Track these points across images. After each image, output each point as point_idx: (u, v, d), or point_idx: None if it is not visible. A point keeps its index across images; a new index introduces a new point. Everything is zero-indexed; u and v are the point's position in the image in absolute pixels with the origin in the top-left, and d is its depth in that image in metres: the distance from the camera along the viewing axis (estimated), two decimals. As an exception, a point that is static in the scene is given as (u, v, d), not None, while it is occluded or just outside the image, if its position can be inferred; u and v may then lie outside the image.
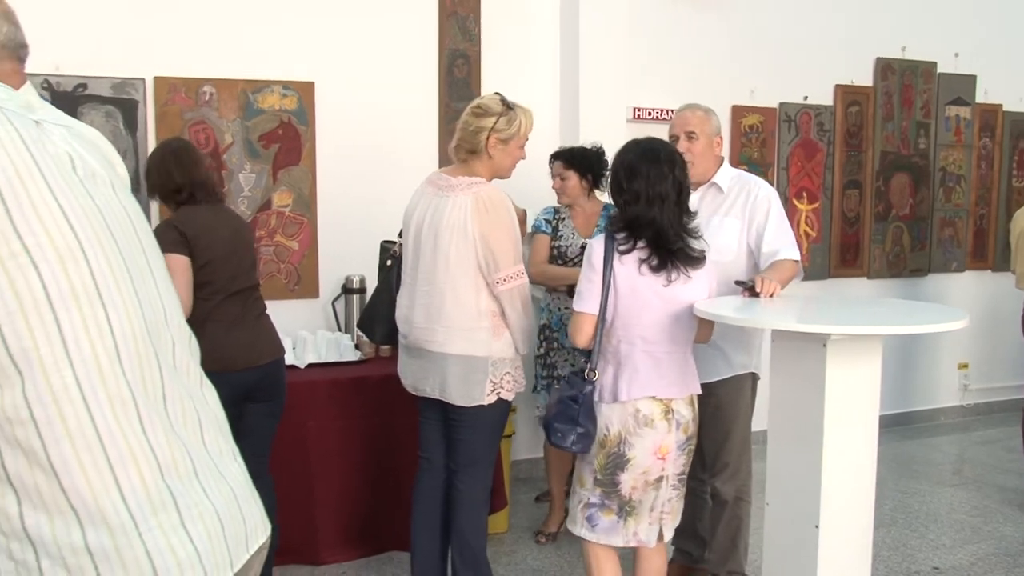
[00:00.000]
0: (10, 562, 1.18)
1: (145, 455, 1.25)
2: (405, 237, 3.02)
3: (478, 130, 2.86)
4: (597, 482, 2.62)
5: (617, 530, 2.62)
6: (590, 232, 3.81)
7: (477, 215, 2.79)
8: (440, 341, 2.85)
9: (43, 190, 1.22)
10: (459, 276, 2.82)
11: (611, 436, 2.57)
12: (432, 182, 2.98)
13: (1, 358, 1.15)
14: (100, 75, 3.98)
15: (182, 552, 1.26)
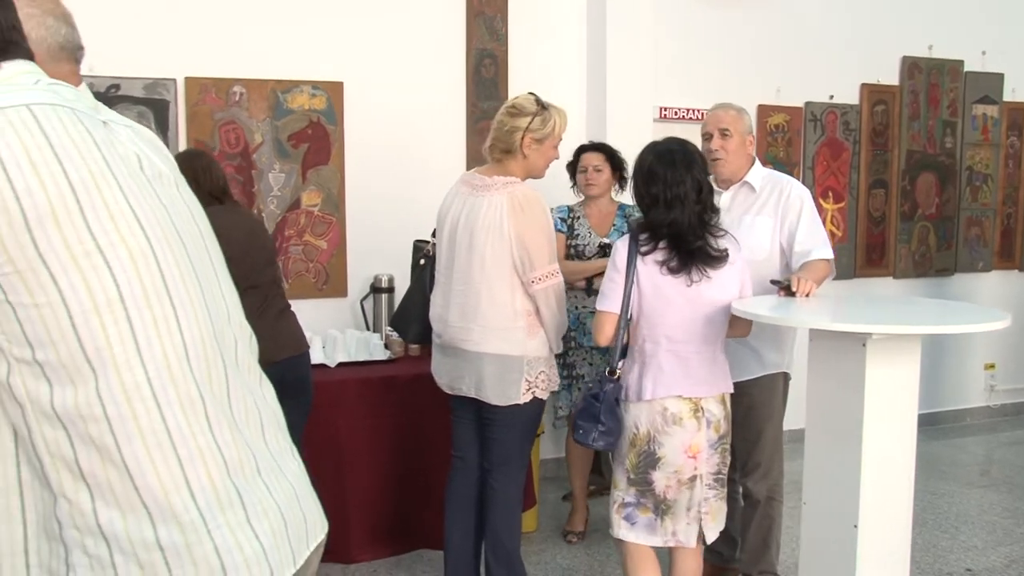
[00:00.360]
0: (85, 557, 1.20)
1: (213, 454, 1.27)
2: (439, 236, 3.03)
3: (513, 130, 2.87)
4: (631, 482, 2.63)
5: (655, 528, 2.63)
6: (606, 231, 3.82)
7: (512, 214, 2.80)
8: (476, 340, 2.86)
9: (115, 191, 1.23)
10: (494, 275, 2.83)
11: (640, 435, 2.59)
12: (466, 182, 2.99)
13: (75, 356, 1.17)
14: (132, 76, 4.01)
15: (249, 549, 1.28)
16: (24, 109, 1.20)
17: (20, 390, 1.18)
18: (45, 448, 1.19)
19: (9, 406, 1.20)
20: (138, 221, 1.24)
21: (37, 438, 1.19)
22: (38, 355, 1.17)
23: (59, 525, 1.21)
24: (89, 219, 1.18)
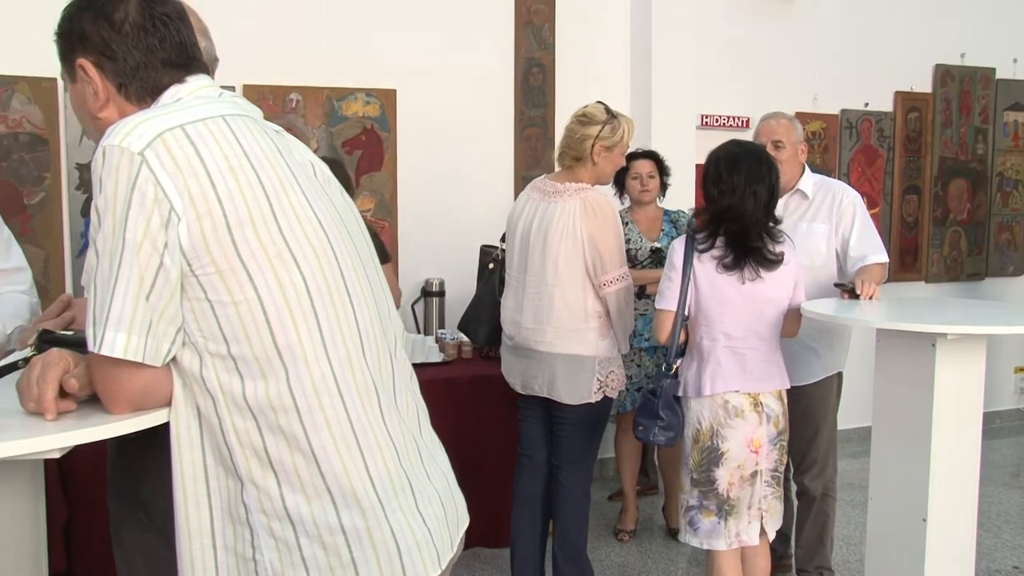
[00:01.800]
0: (271, 539, 1.27)
1: (387, 442, 1.34)
2: (510, 242, 3.11)
3: (584, 138, 2.94)
4: (694, 482, 2.69)
5: (719, 532, 2.67)
6: (656, 235, 3.90)
7: (586, 219, 2.88)
8: (549, 341, 2.93)
9: (299, 196, 1.31)
10: (567, 278, 2.90)
11: (703, 430, 2.65)
12: (538, 188, 3.06)
13: (268, 350, 1.24)
14: (193, 83, 4.08)
15: (420, 533, 1.35)
16: (220, 120, 1.28)
17: (213, 383, 1.25)
18: (235, 437, 1.26)
19: (200, 398, 1.27)
20: (319, 223, 1.32)
21: (228, 428, 1.26)
22: (233, 350, 1.24)
23: (246, 510, 1.28)
24: (280, 222, 1.26)
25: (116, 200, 1.19)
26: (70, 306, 1.69)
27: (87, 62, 1.34)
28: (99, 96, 1.35)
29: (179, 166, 1.20)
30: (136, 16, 1.34)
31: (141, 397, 1.28)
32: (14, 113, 3.81)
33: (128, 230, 1.18)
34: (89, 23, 1.34)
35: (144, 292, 1.19)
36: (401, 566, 1.31)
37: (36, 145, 3.86)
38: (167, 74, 1.37)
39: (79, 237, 3.95)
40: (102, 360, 1.23)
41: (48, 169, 3.86)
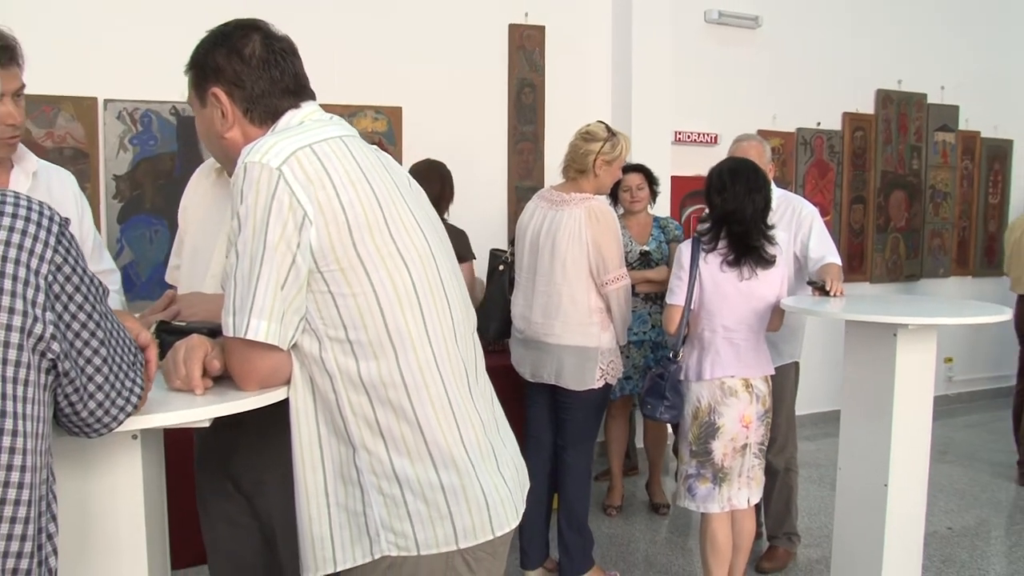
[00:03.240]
0: (380, 496, 1.39)
1: (475, 414, 1.48)
2: (519, 245, 3.23)
3: (587, 152, 3.08)
4: (693, 454, 2.85)
5: (713, 497, 2.84)
6: (645, 240, 4.03)
7: (590, 225, 3.02)
8: (557, 335, 3.07)
9: (403, 205, 1.44)
10: (574, 278, 3.04)
11: (702, 407, 2.81)
12: (545, 198, 3.20)
13: (381, 335, 1.37)
14: (218, 100, 4.14)
15: (503, 491, 1.48)
16: (338, 140, 1.41)
17: (331, 363, 1.37)
18: (350, 410, 1.38)
19: (318, 377, 1.39)
20: (420, 228, 1.45)
21: (343, 402, 1.38)
22: (350, 335, 1.36)
23: (357, 472, 1.40)
24: (391, 227, 1.39)
25: (257, 208, 1.30)
26: (174, 301, 1.78)
27: (219, 90, 1.45)
28: (227, 119, 1.46)
29: (310, 179, 1.31)
30: (261, 51, 1.46)
31: (269, 376, 1.39)
32: (59, 129, 3.86)
33: (268, 233, 1.29)
34: (223, 57, 1.45)
35: (280, 285, 1.31)
36: (488, 517, 1.43)
37: (78, 159, 3.91)
38: (285, 100, 1.48)
39: (116, 242, 4.00)
40: (239, 344, 1.34)
41: (88, 180, 3.91)
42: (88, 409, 1.09)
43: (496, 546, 1.47)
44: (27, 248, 0.97)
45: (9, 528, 0.95)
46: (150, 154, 4.08)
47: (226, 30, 1.49)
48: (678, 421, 2.93)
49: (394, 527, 1.39)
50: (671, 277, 2.92)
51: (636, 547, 3.80)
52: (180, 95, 4.10)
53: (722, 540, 2.86)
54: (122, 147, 4.03)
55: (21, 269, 0.96)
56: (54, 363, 1.00)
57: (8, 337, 0.94)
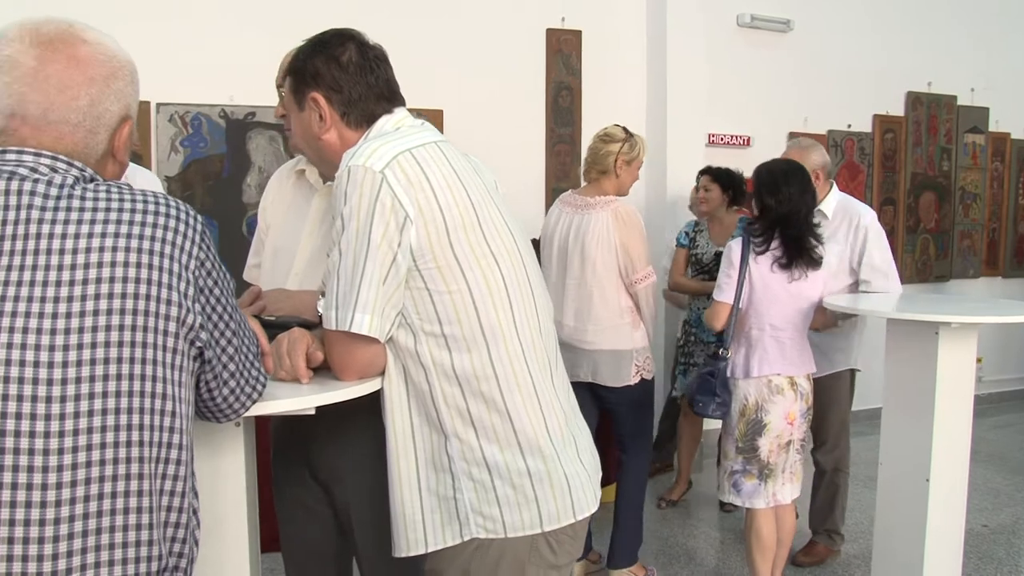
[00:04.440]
0: (470, 482, 1.47)
1: (558, 405, 1.55)
2: (547, 250, 3.27)
3: (607, 153, 3.15)
4: (739, 450, 2.90)
5: (759, 492, 2.89)
6: (725, 241, 3.95)
7: (617, 227, 3.08)
8: (590, 339, 3.13)
9: (493, 207, 1.52)
10: (605, 279, 3.10)
11: (749, 405, 2.87)
12: (568, 202, 3.25)
13: (474, 330, 1.45)
14: (266, 104, 4.24)
15: (583, 476, 1.56)
16: (434, 145, 1.49)
17: (426, 356, 1.45)
18: (443, 400, 1.46)
19: (413, 369, 1.47)
20: (509, 229, 1.53)
21: (437, 393, 1.46)
22: (445, 329, 1.44)
23: (449, 459, 1.47)
24: (484, 228, 1.47)
25: (361, 209, 1.38)
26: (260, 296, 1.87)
27: (318, 95, 1.53)
28: (325, 123, 1.54)
29: (411, 182, 1.40)
30: (357, 58, 1.54)
31: (367, 367, 1.47)
32: (115, 131, 3.97)
33: (372, 232, 1.38)
34: (322, 64, 1.53)
35: (381, 281, 1.39)
36: (571, 501, 1.51)
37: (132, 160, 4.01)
38: (380, 105, 1.56)
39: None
40: (341, 336, 1.43)
41: (142, 179, 4.02)
42: (222, 395, 1.18)
43: (576, 529, 1.55)
44: (178, 245, 1.05)
45: (168, 500, 1.04)
46: (200, 156, 4.19)
47: (324, 38, 1.57)
48: (726, 419, 2.97)
49: (483, 511, 1.47)
50: (720, 274, 2.96)
51: (676, 541, 3.87)
52: (229, 99, 4.24)
53: (768, 535, 2.92)
54: (173, 149, 4.14)
55: (175, 264, 1.04)
56: (200, 351, 1.09)
57: (167, 327, 1.02)
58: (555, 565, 1.54)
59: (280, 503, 2.03)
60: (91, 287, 0.98)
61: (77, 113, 1.09)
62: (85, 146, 1.10)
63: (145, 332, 1.00)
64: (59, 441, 0.95)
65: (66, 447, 0.95)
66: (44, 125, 1.07)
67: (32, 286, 0.97)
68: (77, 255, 0.99)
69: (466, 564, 1.50)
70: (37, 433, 0.94)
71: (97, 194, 1.04)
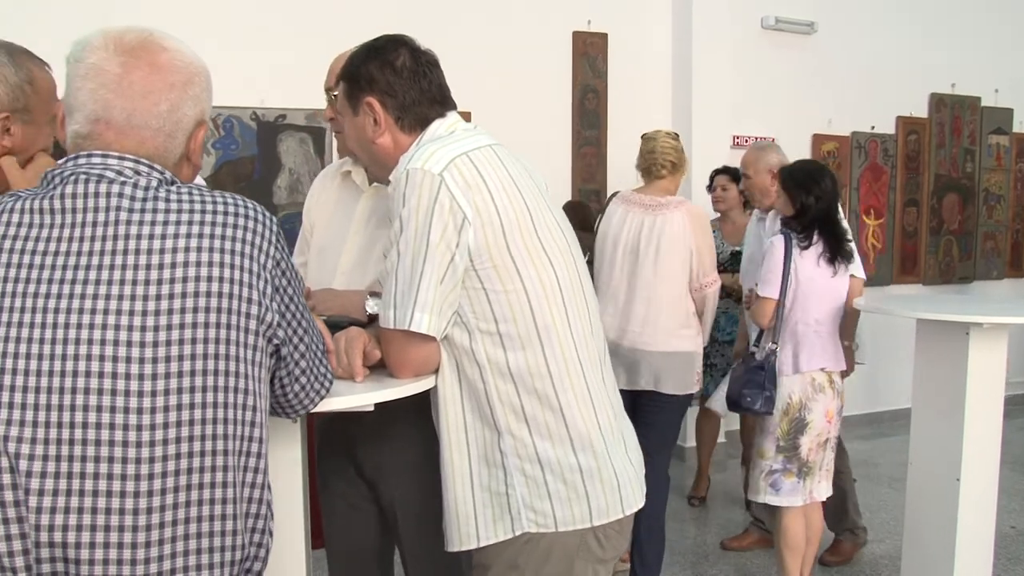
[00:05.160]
0: (522, 477, 1.50)
1: (607, 402, 1.58)
2: (608, 252, 3.12)
3: (681, 150, 3.12)
4: (780, 449, 2.88)
5: (798, 490, 2.89)
6: (739, 240, 3.99)
7: (694, 229, 3.02)
8: (661, 342, 3.02)
9: (544, 207, 1.55)
10: (678, 283, 3.03)
11: (793, 403, 2.87)
12: (633, 201, 3.11)
13: (529, 328, 1.48)
14: (296, 107, 4.30)
15: (631, 472, 1.58)
16: (488, 148, 1.52)
17: (481, 354, 1.48)
18: (497, 397, 1.49)
19: (468, 366, 1.50)
20: (561, 230, 1.56)
21: (491, 390, 1.49)
22: (500, 328, 1.47)
23: (502, 455, 1.50)
24: (538, 229, 1.50)
25: (419, 210, 1.42)
26: (309, 296, 1.90)
27: (373, 99, 1.56)
28: (380, 126, 1.57)
29: (469, 184, 1.43)
30: (411, 63, 1.57)
31: (423, 365, 1.51)
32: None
33: (431, 233, 1.41)
34: (376, 69, 1.56)
35: (439, 281, 1.43)
36: (620, 497, 1.54)
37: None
38: (433, 109, 1.60)
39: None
40: (399, 335, 1.46)
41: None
42: (293, 391, 1.22)
43: (624, 524, 1.58)
44: (256, 245, 1.09)
45: (250, 493, 1.08)
46: (232, 158, 4.24)
47: (378, 44, 1.60)
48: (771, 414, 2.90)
49: (535, 506, 1.49)
50: (763, 271, 2.92)
51: (703, 539, 3.89)
52: (260, 101, 4.29)
53: (799, 534, 2.93)
54: (205, 151, 4.18)
55: (254, 264, 1.08)
56: (277, 348, 1.13)
57: (248, 324, 1.06)
58: (602, 559, 1.57)
59: (325, 500, 2.07)
60: (178, 286, 1.02)
61: (158, 118, 1.13)
62: (164, 149, 1.14)
63: (228, 330, 1.04)
64: (150, 434, 0.99)
65: (157, 440, 0.99)
66: (128, 129, 1.11)
67: (122, 284, 1.01)
68: (164, 255, 1.03)
69: (515, 558, 1.52)
70: (130, 426, 0.98)
71: (180, 196, 1.08)
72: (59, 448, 0.97)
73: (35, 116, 1.55)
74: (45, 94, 1.58)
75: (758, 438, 2.99)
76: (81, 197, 1.05)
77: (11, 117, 1.50)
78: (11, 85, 1.50)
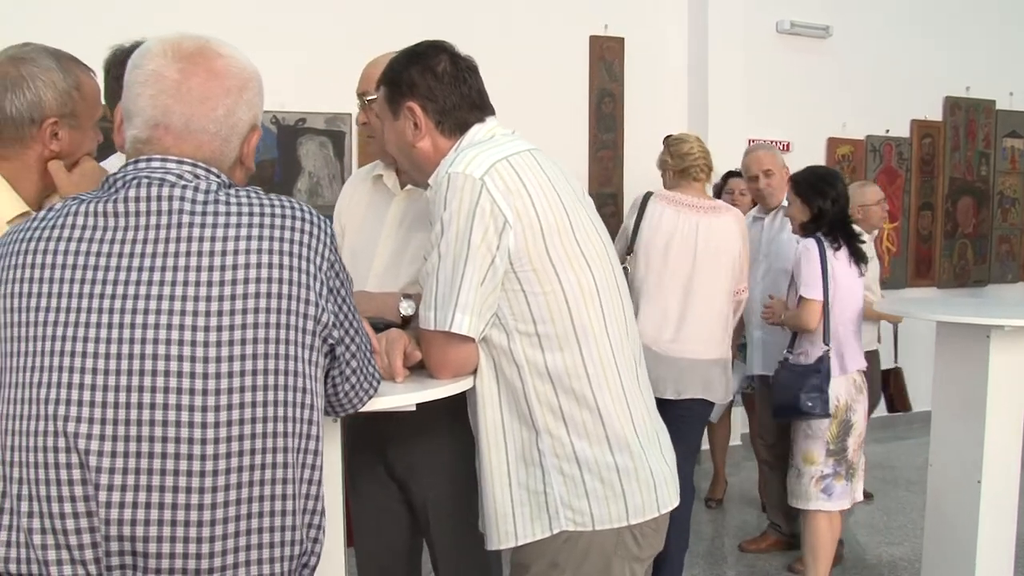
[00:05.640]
0: (560, 476, 1.52)
1: (642, 403, 1.60)
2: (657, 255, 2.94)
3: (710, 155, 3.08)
4: (830, 453, 2.87)
5: (847, 493, 2.92)
6: None
7: (741, 235, 3.01)
8: (712, 349, 2.94)
9: (583, 212, 1.58)
10: (729, 289, 2.98)
11: (840, 405, 2.88)
12: (683, 203, 2.94)
13: (567, 329, 1.50)
14: (316, 111, 4.32)
15: (667, 472, 1.61)
16: (527, 153, 1.55)
17: (520, 355, 1.51)
18: (535, 397, 1.51)
19: (506, 367, 1.52)
20: (597, 233, 1.58)
21: (529, 390, 1.51)
22: (539, 329, 1.49)
23: (540, 454, 1.52)
24: (576, 232, 1.52)
25: (461, 213, 1.44)
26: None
27: (414, 104, 1.59)
28: (420, 130, 1.60)
29: (509, 188, 1.45)
30: (451, 68, 1.60)
31: (462, 366, 1.53)
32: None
33: (472, 236, 1.44)
34: (418, 74, 1.59)
35: (479, 283, 1.45)
36: (655, 496, 1.56)
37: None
38: (472, 114, 1.62)
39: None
40: (439, 336, 1.49)
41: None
42: (344, 390, 1.24)
43: (660, 523, 1.60)
44: (312, 247, 1.12)
45: (307, 489, 1.11)
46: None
47: (418, 50, 1.63)
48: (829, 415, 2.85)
49: (572, 504, 1.52)
50: (803, 273, 2.89)
51: (721, 541, 3.90)
52: (280, 105, 4.32)
53: (831, 537, 2.93)
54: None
55: (311, 265, 1.11)
56: (332, 348, 1.15)
57: (305, 324, 1.09)
58: (639, 558, 1.59)
59: (356, 500, 2.08)
60: (239, 287, 1.04)
61: (215, 123, 1.15)
62: (220, 153, 1.17)
63: (287, 330, 1.06)
64: (215, 431, 1.01)
65: (221, 437, 1.02)
66: (186, 134, 1.14)
67: (185, 285, 1.04)
68: (226, 256, 1.05)
69: (554, 556, 1.54)
70: (195, 424, 1.01)
71: (239, 199, 1.11)
72: (127, 445, 1.00)
73: (81, 121, 1.58)
74: (91, 99, 1.61)
75: (802, 443, 2.92)
76: (144, 200, 1.08)
77: (59, 122, 1.53)
78: (60, 91, 1.53)
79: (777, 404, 2.92)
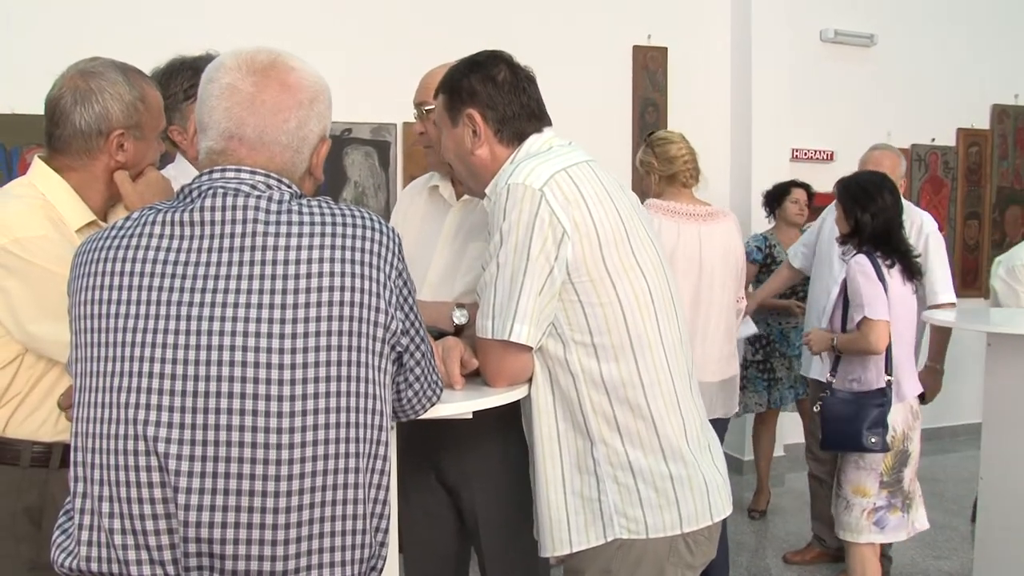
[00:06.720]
0: (615, 484, 1.52)
1: (695, 412, 1.60)
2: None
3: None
4: (884, 485, 2.66)
5: (903, 525, 2.73)
6: None
7: (739, 240, 2.85)
8: (717, 371, 2.75)
9: (638, 222, 1.58)
10: (732, 302, 2.80)
11: (897, 436, 2.67)
12: (679, 212, 2.73)
13: (623, 340, 1.50)
14: (361, 121, 4.36)
15: (719, 480, 1.60)
16: (585, 165, 1.56)
17: (575, 365, 1.51)
18: (591, 407, 1.52)
19: (562, 376, 1.53)
20: (652, 243, 1.59)
21: (584, 400, 1.52)
22: (595, 339, 1.50)
23: (594, 463, 1.53)
24: (632, 242, 1.53)
25: (520, 224, 1.45)
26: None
27: (474, 112, 1.60)
28: (479, 138, 1.62)
29: (568, 199, 1.46)
30: (511, 77, 1.62)
31: (518, 374, 1.55)
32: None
33: (531, 246, 1.45)
34: (478, 82, 1.60)
35: (538, 293, 1.46)
36: (708, 503, 1.56)
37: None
38: (530, 124, 1.64)
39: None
40: (496, 345, 1.50)
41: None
42: (407, 397, 1.26)
43: (712, 531, 1.60)
44: (382, 256, 1.14)
45: (376, 494, 1.13)
46: (301, 171, 4.32)
47: (478, 59, 1.65)
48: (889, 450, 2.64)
49: (627, 512, 1.52)
50: (864, 292, 2.60)
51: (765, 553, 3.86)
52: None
53: (876, 565, 2.77)
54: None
55: (381, 274, 1.13)
56: (400, 355, 1.17)
57: (376, 332, 1.10)
58: (692, 565, 1.59)
59: (405, 506, 2.09)
60: (313, 295, 1.07)
61: (287, 135, 1.18)
62: (291, 164, 1.19)
63: (360, 337, 1.08)
64: (288, 437, 1.04)
65: (295, 442, 1.04)
66: (259, 146, 1.16)
67: (260, 293, 1.06)
68: (300, 265, 1.08)
69: (607, 563, 1.55)
70: (270, 429, 1.03)
71: (312, 209, 1.13)
72: (204, 449, 1.02)
73: (146, 132, 1.62)
74: (155, 111, 1.65)
75: (852, 474, 2.70)
76: (219, 210, 1.11)
77: (125, 133, 1.57)
78: (126, 103, 1.57)
79: (830, 436, 2.67)
